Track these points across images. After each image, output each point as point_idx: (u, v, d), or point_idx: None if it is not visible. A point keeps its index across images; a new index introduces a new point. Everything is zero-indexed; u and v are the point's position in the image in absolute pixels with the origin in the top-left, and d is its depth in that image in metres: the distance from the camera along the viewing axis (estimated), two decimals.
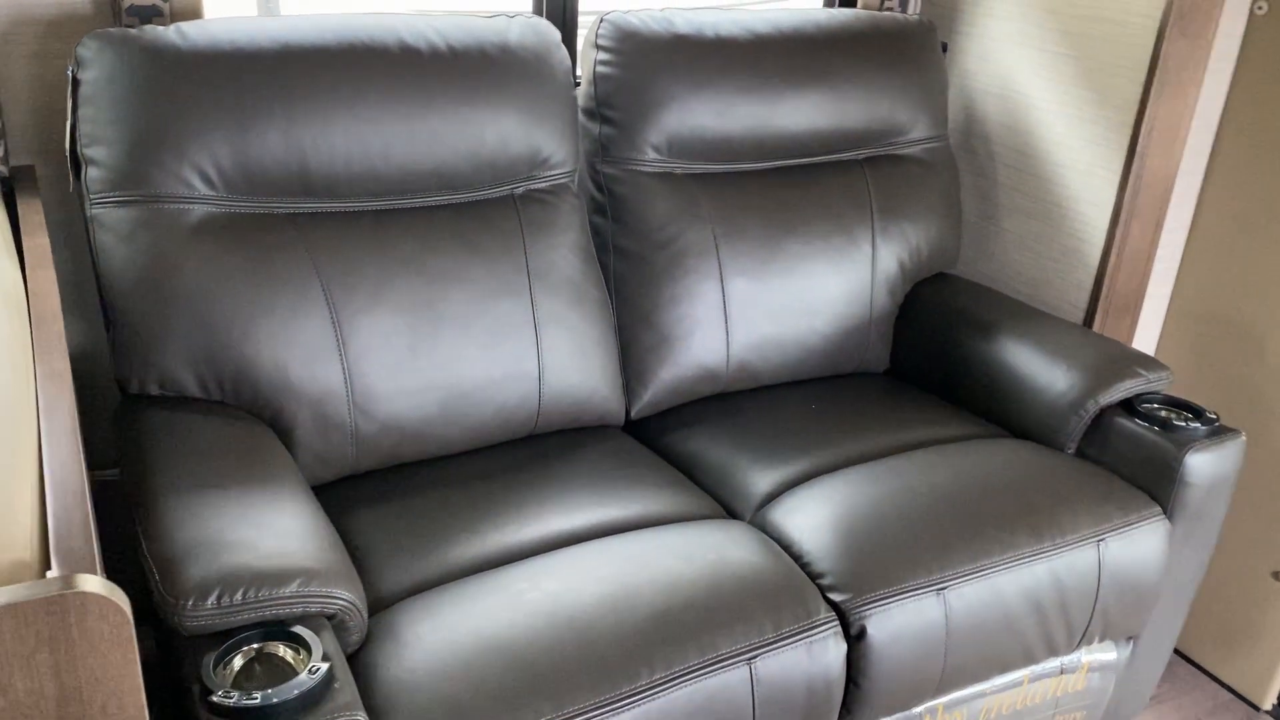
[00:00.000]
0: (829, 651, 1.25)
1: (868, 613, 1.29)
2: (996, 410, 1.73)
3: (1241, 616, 1.92)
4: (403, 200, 1.50)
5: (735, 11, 1.78)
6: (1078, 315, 1.91)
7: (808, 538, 1.38)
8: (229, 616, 1.01)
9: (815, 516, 1.41)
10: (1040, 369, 1.67)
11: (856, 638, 1.29)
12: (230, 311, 1.35)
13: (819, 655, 1.24)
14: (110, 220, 1.33)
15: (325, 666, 0.98)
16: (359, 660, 1.13)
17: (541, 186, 1.60)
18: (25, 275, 1.17)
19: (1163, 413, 1.57)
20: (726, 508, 1.52)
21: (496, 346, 1.51)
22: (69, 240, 1.58)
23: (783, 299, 1.75)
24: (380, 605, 1.23)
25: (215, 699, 0.94)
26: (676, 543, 1.32)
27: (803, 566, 1.35)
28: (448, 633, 1.15)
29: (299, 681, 0.96)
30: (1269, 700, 1.91)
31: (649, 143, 1.69)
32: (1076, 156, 1.88)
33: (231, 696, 0.94)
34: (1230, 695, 1.95)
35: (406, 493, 1.45)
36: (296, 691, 0.95)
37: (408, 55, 1.47)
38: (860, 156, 1.87)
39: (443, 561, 1.31)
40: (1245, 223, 1.82)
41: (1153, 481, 1.53)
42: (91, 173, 1.33)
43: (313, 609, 1.05)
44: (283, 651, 1.02)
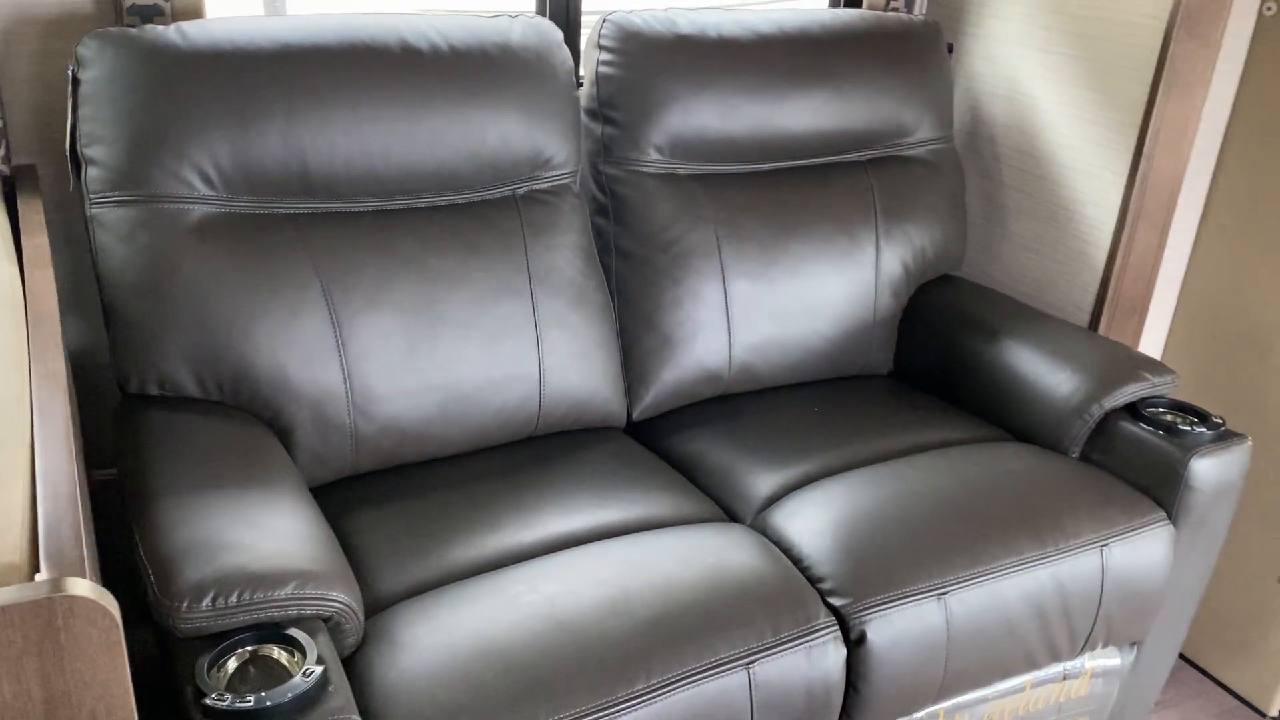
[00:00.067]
0: (828, 656, 1.24)
1: (868, 617, 1.28)
2: (1000, 413, 1.72)
3: (1248, 622, 1.90)
4: (403, 200, 1.49)
5: (739, 12, 1.77)
6: (1083, 318, 1.90)
7: (808, 541, 1.37)
8: (224, 618, 1.01)
9: (816, 520, 1.40)
10: (1045, 372, 1.66)
11: (856, 643, 1.28)
12: (230, 312, 1.34)
13: (818, 660, 1.23)
14: (110, 220, 1.33)
15: (320, 669, 0.97)
16: (355, 663, 1.13)
17: (543, 187, 1.60)
18: (24, 275, 1.17)
19: (1168, 417, 1.56)
20: (727, 511, 1.52)
21: (497, 347, 1.50)
22: (70, 240, 1.58)
23: (785, 301, 1.74)
24: (378, 607, 1.23)
25: (209, 701, 0.94)
26: (676, 546, 1.31)
27: (803, 570, 1.34)
28: (445, 636, 1.14)
29: (293, 684, 0.96)
30: (1275, 706, 1.89)
31: (651, 143, 1.68)
32: (1083, 158, 1.86)
33: (225, 699, 0.94)
34: (1236, 701, 1.93)
35: (406, 494, 1.44)
36: (290, 694, 0.95)
37: (409, 55, 1.46)
38: (864, 158, 1.86)
39: (441, 563, 1.30)
40: (1253, 225, 1.80)
41: (1157, 486, 1.51)
42: (91, 172, 1.33)
43: (308, 611, 1.05)
44: (277, 654, 1.01)
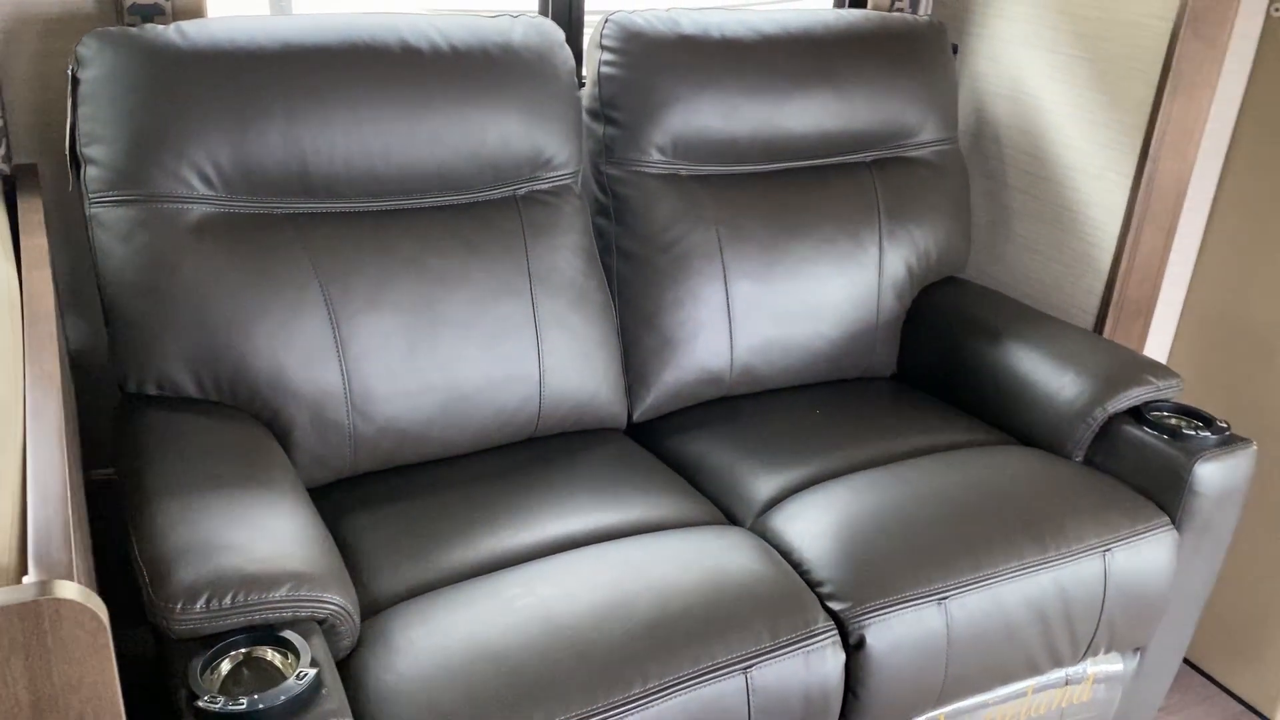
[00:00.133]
0: (827, 661, 1.23)
1: (867, 622, 1.27)
2: (1004, 417, 1.71)
3: (1254, 627, 1.89)
4: (403, 201, 1.49)
5: (742, 12, 1.77)
6: (1088, 321, 1.89)
7: (808, 545, 1.36)
8: (218, 620, 1.00)
9: (816, 523, 1.39)
10: (1048, 375, 1.65)
11: (855, 647, 1.27)
12: (228, 312, 1.34)
13: (816, 665, 1.22)
14: (109, 219, 1.33)
15: (313, 672, 0.97)
16: (350, 665, 1.12)
17: (544, 187, 1.59)
18: (22, 275, 1.17)
19: (1172, 421, 1.55)
20: (727, 513, 1.51)
21: (497, 348, 1.50)
22: (71, 239, 1.58)
23: (787, 302, 1.73)
24: (375, 609, 1.22)
25: (201, 704, 0.93)
26: (675, 549, 1.31)
27: (802, 574, 1.33)
28: (440, 638, 1.14)
29: (286, 687, 0.95)
30: None
31: (653, 144, 1.68)
32: (1088, 160, 1.85)
33: (218, 701, 0.94)
34: (1241, 707, 1.92)
35: (405, 495, 1.44)
36: (283, 697, 0.94)
37: (409, 55, 1.46)
38: (868, 159, 1.85)
39: (439, 565, 1.30)
40: (1261, 228, 1.79)
41: (1161, 491, 1.50)
42: (90, 172, 1.33)
43: (303, 613, 1.04)
44: (271, 656, 1.01)
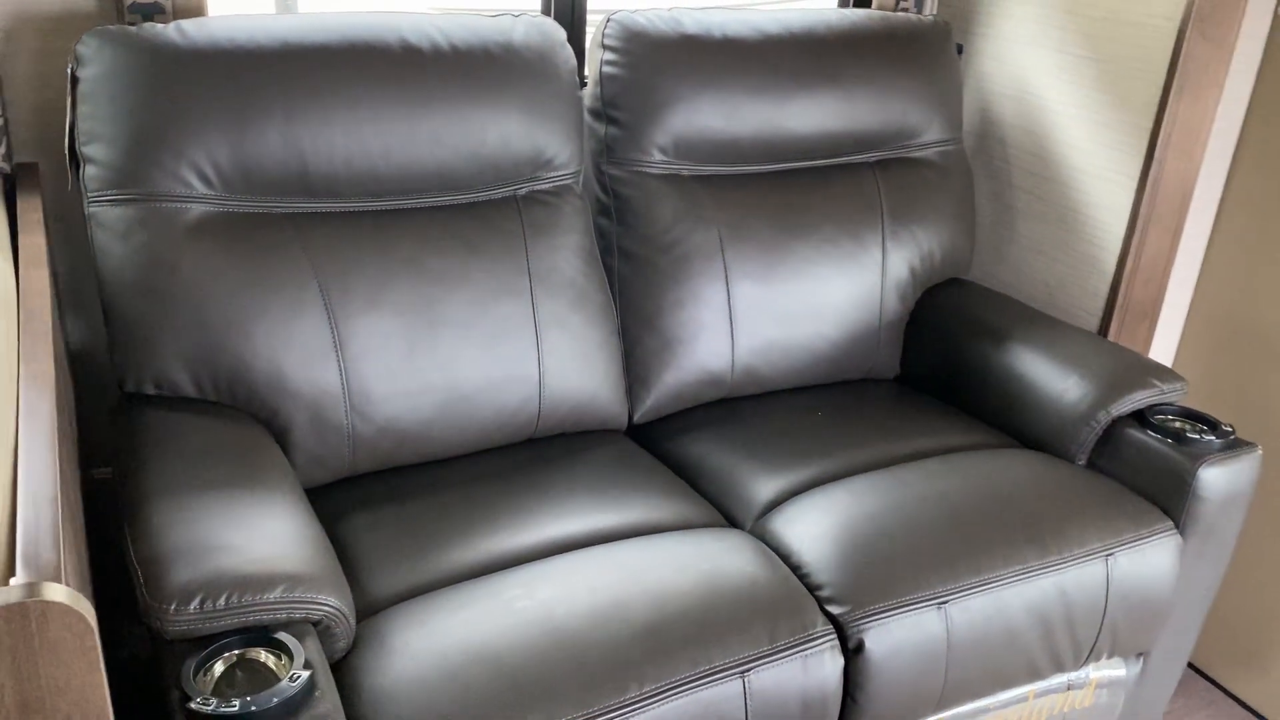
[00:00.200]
0: (825, 665, 1.22)
1: (866, 626, 1.26)
2: (1007, 419, 1.70)
3: (1259, 632, 1.87)
4: (403, 200, 1.49)
5: (745, 11, 1.76)
6: (1093, 323, 1.88)
7: (807, 548, 1.36)
8: (212, 621, 1.00)
9: (816, 526, 1.38)
10: (1052, 378, 1.64)
11: (854, 651, 1.26)
12: (226, 311, 1.34)
13: (815, 669, 1.22)
14: (108, 218, 1.33)
15: (306, 674, 0.97)
16: (345, 667, 1.12)
17: (544, 188, 1.58)
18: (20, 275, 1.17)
19: (1176, 424, 1.53)
20: (727, 516, 1.50)
21: (496, 348, 1.49)
22: (72, 238, 1.58)
23: (789, 303, 1.72)
24: (371, 610, 1.22)
25: (193, 706, 0.93)
26: (673, 551, 1.30)
27: (801, 577, 1.33)
28: (435, 640, 1.13)
29: (279, 689, 0.95)
30: None
31: (655, 144, 1.67)
32: (1094, 161, 1.84)
33: (210, 703, 0.93)
34: (1246, 713, 1.91)
35: (403, 496, 1.44)
36: (276, 699, 0.94)
37: (409, 54, 1.46)
38: (871, 159, 1.84)
39: (436, 566, 1.29)
40: (1268, 230, 1.77)
41: (1165, 495, 1.49)
42: (89, 171, 1.33)
43: (297, 615, 1.04)
44: (265, 658, 1.01)
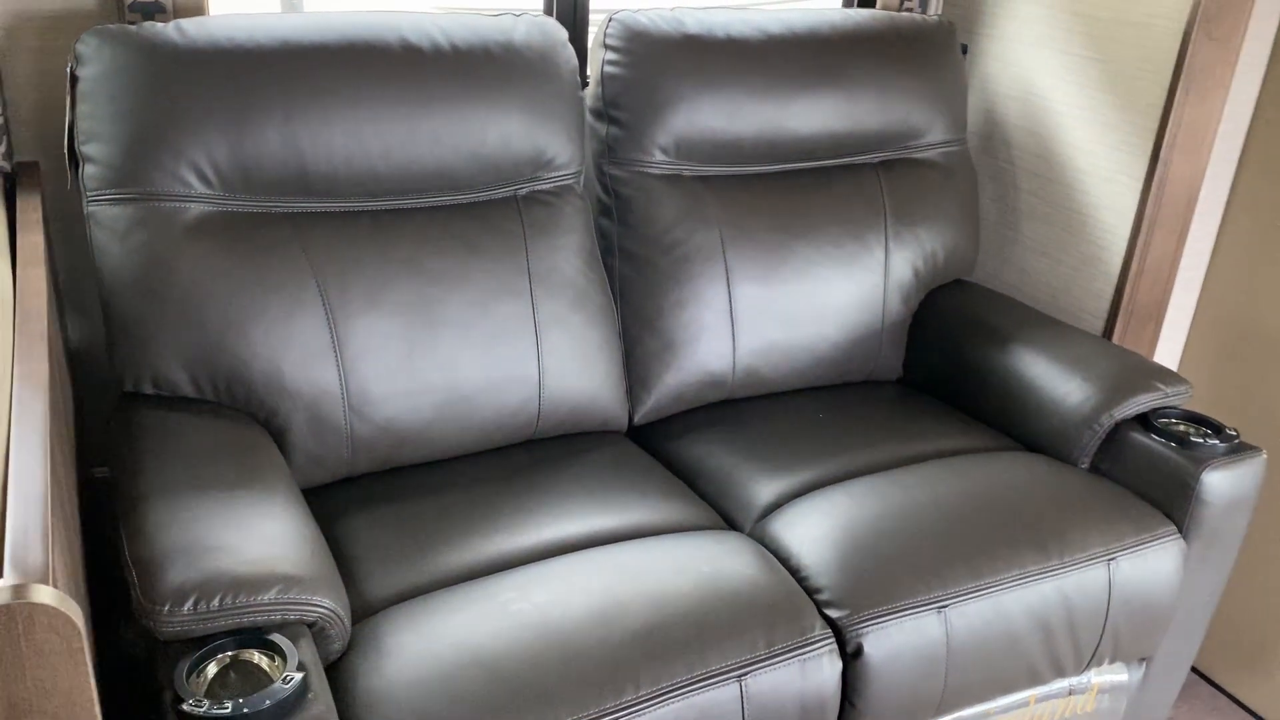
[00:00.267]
0: (823, 670, 1.22)
1: (865, 630, 1.25)
2: (1010, 422, 1.68)
3: (1264, 636, 1.86)
4: (403, 200, 1.48)
5: (747, 11, 1.75)
6: (1097, 325, 1.86)
7: (807, 551, 1.35)
8: (206, 622, 1.00)
9: (816, 529, 1.38)
10: (1055, 380, 1.62)
11: (853, 655, 1.25)
12: (225, 311, 1.34)
13: (813, 673, 1.21)
14: (106, 218, 1.32)
15: (299, 676, 0.96)
16: (340, 669, 1.11)
17: (545, 188, 1.58)
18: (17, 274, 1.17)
19: (1180, 428, 1.52)
20: (727, 518, 1.49)
21: (496, 349, 1.49)
22: (73, 236, 1.57)
23: (791, 304, 1.71)
24: (367, 612, 1.22)
25: (186, 707, 0.93)
26: (671, 554, 1.29)
27: (800, 581, 1.32)
28: (432, 643, 1.13)
29: (272, 690, 0.95)
30: None
31: (656, 144, 1.66)
32: (1098, 162, 1.83)
33: (202, 705, 0.93)
34: (1251, 718, 1.89)
35: (402, 496, 1.43)
36: (268, 701, 0.93)
37: (409, 53, 1.45)
38: (874, 160, 1.83)
39: (434, 568, 1.29)
40: (1275, 232, 1.76)
41: (1168, 499, 1.48)
42: (89, 170, 1.32)
43: (292, 616, 1.03)
44: (259, 659, 1.00)
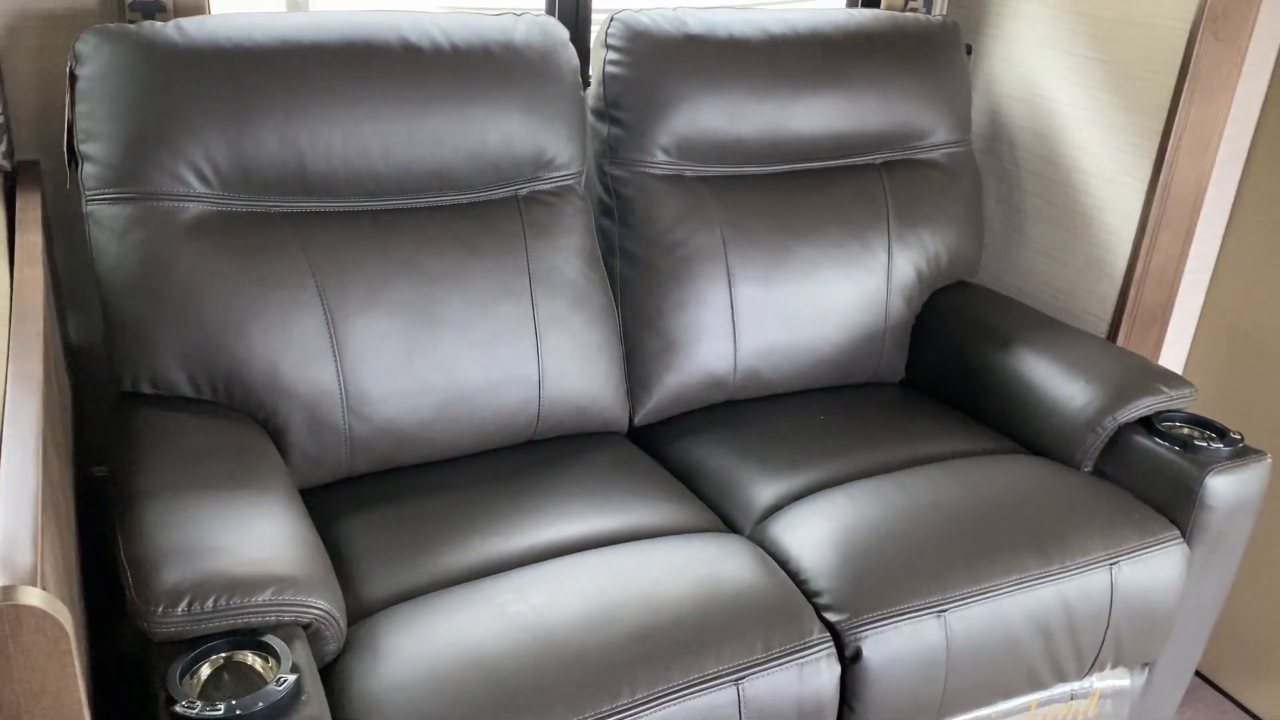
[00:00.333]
0: (821, 673, 1.21)
1: (864, 634, 1.25)
2: (1012, 425, 1.67)
3: (1269, 641, 1.85)
4: (402, 200, 1.48)
5: (750, 11, 1.74)
6: (1102, 328, 1.85)
7: (806, 554, 1.34)
8: (200, 623, 0.99)
9: (816, 532, 1.37)
10: (1058, 383, 1.61)
11: (852, 660, 1.25)
12: (223, 311, 1.33)
13: (811, 677, 1.20)
14: (105, 217, 1.32)
15: (293, 678, 0.96)
16: (335, 670, 1.11)
17: (546, 188, 1.57)
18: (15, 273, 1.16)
19: (1184, 431, 1.51)
20: (726, 520, 1.49)
21: (496, 349, 1.48)
22: (74, 236, 1.57)
23: (793, 306, 1.70)
24: (364, 613, 1.21)
25: (178, 709, 0.92)
26: (669, 556, 1.29)
27: (799, 584, 1.31)
28: (428, 645, 1.12)
29: (265, 692, 0.94)
30: None
31: (658, 144, 1.66)
32: (1103, 163, 1.81)
33: (195, 706, 0.93)
34: None
35: (401, 497, 1.43)
36: (261, 703, 0.93)
37: (409, 53, 1.45)
38: (877, 161, 1.83)
39: (431, 569, 1.28)
40: None
41: (1171, 503, 1.47)
42: (88, 169, 1.32)
43: (286, 618, 1.03)
44: (253, 661, 1.00)
